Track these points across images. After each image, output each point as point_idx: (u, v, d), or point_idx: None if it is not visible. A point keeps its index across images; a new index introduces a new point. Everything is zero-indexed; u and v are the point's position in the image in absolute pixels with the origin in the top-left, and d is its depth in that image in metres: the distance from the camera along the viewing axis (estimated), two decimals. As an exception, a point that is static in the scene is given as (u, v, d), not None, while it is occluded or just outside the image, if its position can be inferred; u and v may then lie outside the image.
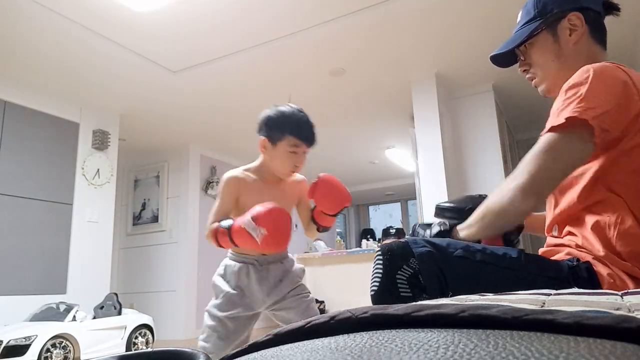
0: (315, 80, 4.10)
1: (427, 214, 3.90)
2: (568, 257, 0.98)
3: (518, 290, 0.63)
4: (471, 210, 1.06)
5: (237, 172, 1.53)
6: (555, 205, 1.06)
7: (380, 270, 0.97)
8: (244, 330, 1.52)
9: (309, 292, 1.59)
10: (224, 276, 1.55)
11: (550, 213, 1.09)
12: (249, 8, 3.02)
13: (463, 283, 0.91)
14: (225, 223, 1.38)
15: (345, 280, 4.68)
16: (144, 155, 5.74)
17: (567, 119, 0.89)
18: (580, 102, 0.89)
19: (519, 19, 1.15)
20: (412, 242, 0.97)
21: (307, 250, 6.30)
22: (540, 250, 1.09)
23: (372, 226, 10.20)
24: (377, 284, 0.96)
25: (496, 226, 1.02)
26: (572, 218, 1.01)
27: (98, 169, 4.24)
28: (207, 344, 1.47)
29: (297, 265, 1.64)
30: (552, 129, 0.93)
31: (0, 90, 3.61)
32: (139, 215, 5.74)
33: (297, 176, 1.64)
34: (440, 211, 1.19)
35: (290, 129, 1.49)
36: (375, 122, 5.25)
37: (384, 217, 10.25)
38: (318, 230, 1.59)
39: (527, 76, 1.17)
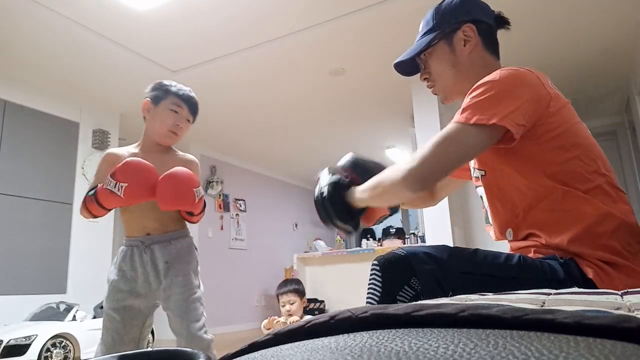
0: (315, 80, 4.10)
1: (427, 214, 3.90)
2: (539, 255, 0.98)
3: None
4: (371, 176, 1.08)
5: (115, 148, 1.54)
6: (497, 211, 1.08)
7: (379, 288, 0.92)
8: (134, 323, 1.42)
9: (194, 289, 1.46)
10: (115, 264, 1.49)
11: (496, 218, 1.10)
12: (249, 8, 3.02)
13: None
14: (92, 191, 1.37)
15: (345, 280, 4.68)
16: (144, 155, 5.74)
17: (474, 121, 0.92)
18: (489, 107, 0.93)
19: (420, 28, 1.21)
20: (412, 255, 0.92)
21: (307, 250, 6.30)
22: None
23: (371, 226, 10.18)
24: (373, 303, 0.91)
25: (384, 199, 1.08)
26: (526, 219, 1.02)
27: (98, 169, 4.24)
28: (100, 345, 1.41)
29: (193, 252, 1.53)
30: (456, 121, 0.96)
31: (0, 90, 3.61)
32: (139, 215, 5.74)
33: (188, 156, 1.60)
34: (349, 165, 1.22)
35: (174, 91, 1.52)
36: (375, 122, 5.25)
37: (384, 216, 10.23)
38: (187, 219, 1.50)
39: (427, 84, 1.22)
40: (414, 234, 4.85)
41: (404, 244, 4.86)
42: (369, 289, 0.94)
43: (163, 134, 1.50)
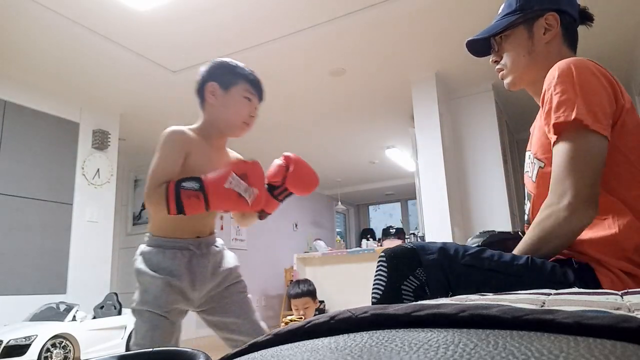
0: (315, 80, 4.10)
1: (427, 214, 3.91)
2: (559, 256, 0.97)
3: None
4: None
5: (182, 127, 1.31)
6: (534, 200, 1.06)
7: (384, 278, 0.93)
8: (175, 327, 1.30)
9: (246, 286, 1.43)
10: (150, 264, 1.29)
11: (528, 207, 1.09)
12: (249, 8, 3.02)
13: (468, 294, 0.89)
14: (192, 184, 1.14)
15: (345, 280, 4.68)
16: (144, 155, 5.74)
17: (574, 120, 0.90)
18: (582, 104, 0.90)
19: (500, 10, 1.19)
20: (420, 248, 0.93)
21: (307, 250, 6.30)
22: None
23: (372, 226, 10.20)
24: (379, 292, 0.93)
25: (558, 248, 0.97)
26: None
27: (98, 169, 4.24)
28: (144, 348, 1.27)
29: (230, 252, 1.44)
30: (565, 135, 0.92)
31: (0, 90, 3.61)
32: (139, 215, 5.74)
33: (239, 155, 1.48)
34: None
35: (244, 76, 1.36)
36: (375, 122, 5.25)
37: (384, 216, 10.26)
38: (260, 218, 1.39)
39: (497, 67, 1.19)
40: (414, 234, 4.85)
41: (404, 244, 4.85)
42: (375, 280, 0.95)
43: (235, 125, 1.35)
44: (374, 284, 0.95)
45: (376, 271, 0.96)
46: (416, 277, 0.91)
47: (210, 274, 1.35)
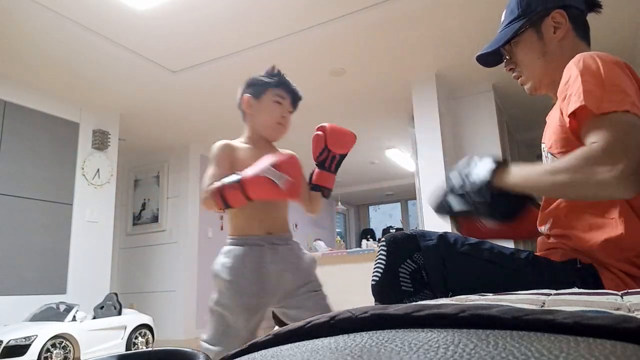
0: (315, 80, 4.10)
1: (427, 214, 3.90)
2: (564, 258, 0.97)
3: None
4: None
5: (227, 141, 1.51)
6: (547, 200, 1.04)
7: (384, 261, 0.96)
8: (247, 325, 1.31)
9: (321, 286, 1.43)
10: (227, 264, 1.35)
11: (543, 206, 1.08)
12: (249, 8, 3.02)
13: (465, 281, 0.90)
14: (231, 178, 1.24)
15: (345, 280, 4.68)
16: (144, 155, 5.74)
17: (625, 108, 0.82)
18: (620, 93, 0.85)
19: (502, 18, 1.16)
20: (420, 234, 0.96)
21: (307, 251, 6.29)
22: None
23: (372, 226, 10.20)
24: (378, 274, 0.96)
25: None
26: (567, 215, 0.99)
27: (98, 169, 4.24)
28: (212, 346, 1.29)
29: (308, 253, 1.50)
30: (612, 113, 0.83)
31: (0, 90, 3.61)
32: (139, 215, 5.74)
33: (287, 151, 1.50)
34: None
35: (274, 82, 1.50)
36: (375, 122, 5.25)
37: (384, 217, 10.26)
38: (324, 195, 1.47)
39: (513, 75, 1.16)
40: (414, 234, 4.84)
41: (404, 244, 4.85)
42: (375, 263, 0.99)
43: (271, 127, 1.51)
44: (374, 267, 0.98)
45: (377, 254, 0.99)
46: (414, 261, 0.94)
47: (284, 271, 1.37)
